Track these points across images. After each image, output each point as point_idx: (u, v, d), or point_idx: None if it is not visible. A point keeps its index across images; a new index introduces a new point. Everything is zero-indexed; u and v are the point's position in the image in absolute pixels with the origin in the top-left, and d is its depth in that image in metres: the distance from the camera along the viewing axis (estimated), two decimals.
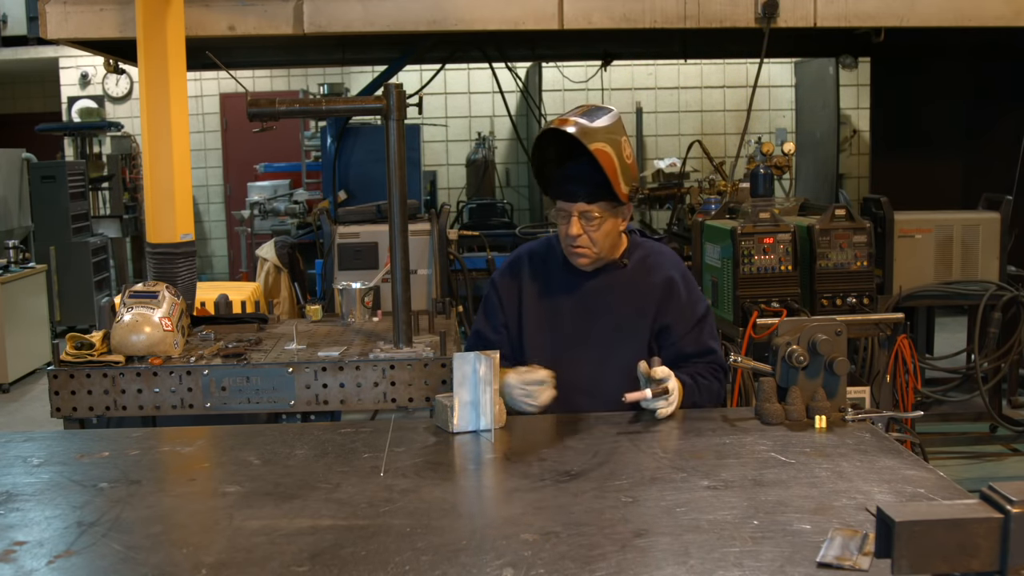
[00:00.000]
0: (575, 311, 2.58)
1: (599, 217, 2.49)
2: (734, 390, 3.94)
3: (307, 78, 11.08)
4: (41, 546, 1.70)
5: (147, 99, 4.02)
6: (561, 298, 2.61)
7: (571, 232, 2.50)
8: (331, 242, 5.50)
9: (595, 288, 2.59)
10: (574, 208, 2.49)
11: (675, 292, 2.58)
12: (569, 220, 2.51)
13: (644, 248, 2.66)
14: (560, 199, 2.52)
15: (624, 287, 2.59)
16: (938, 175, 7.85)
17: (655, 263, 2.62)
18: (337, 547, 1.66)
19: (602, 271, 2.60)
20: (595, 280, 2.60)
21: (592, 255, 2.54)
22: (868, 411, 2.36)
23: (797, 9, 5.60)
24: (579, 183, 2.48)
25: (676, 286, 2.59)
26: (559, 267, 2.64)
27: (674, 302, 2.57)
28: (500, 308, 2.67)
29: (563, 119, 2.47)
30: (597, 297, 2.58)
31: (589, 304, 2.57)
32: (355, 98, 6.04)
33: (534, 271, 2.67)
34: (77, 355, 3.34)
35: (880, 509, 1.27)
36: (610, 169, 2.43)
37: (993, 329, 4.95)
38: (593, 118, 2.46)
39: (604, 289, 2.59)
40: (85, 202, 9.48)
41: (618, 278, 2.60)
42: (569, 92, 10.75)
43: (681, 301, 2.58)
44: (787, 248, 4.09)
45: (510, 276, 2.69)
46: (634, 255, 2.63)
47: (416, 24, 5.56)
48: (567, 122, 2.45)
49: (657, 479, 1.97)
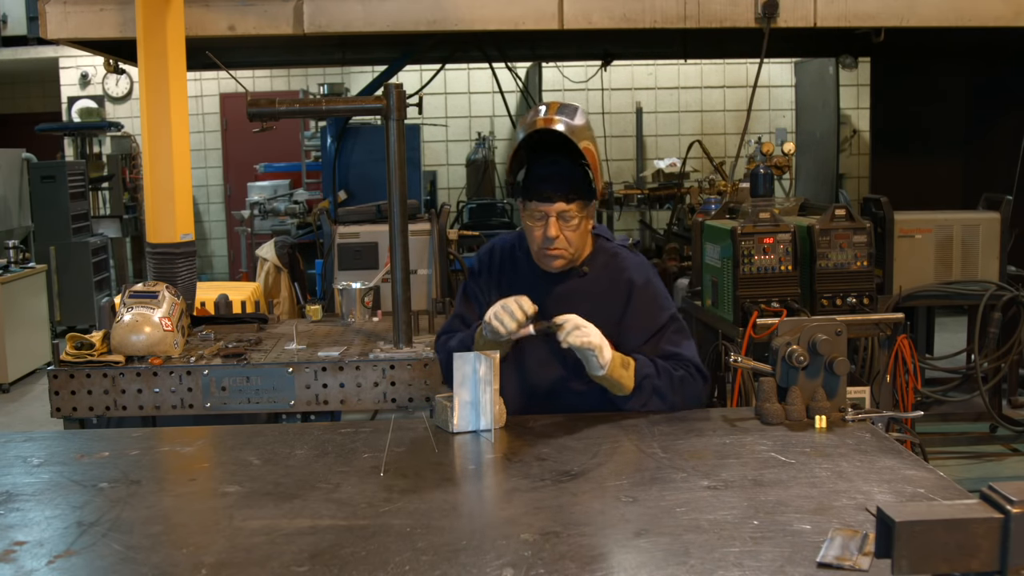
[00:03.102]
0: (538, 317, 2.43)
1: (577, 217, 2.45)
2: (734, 390, 3.94)
3: (307, 78, 11.08)
4: (41, 546, 1.70)
5: (147, 99, 4.02)
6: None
7: (550, 234, 2.44)
8: (331, 242, 5.50)
9: (558, 294, 2.52)
10: (552, 209, 2.43)
11: (632, 299, 2.52)
12: (546, 222, 2.44)
13: (607, 253, 2.60)
14: (536, 200, 2.45)
15: (587, 295, 2.52)
16: (938, 175, 7.85)
17: (617, 269, 2.57)
18: (337, 547, 1.66)
19: (566, 277, 2.55)
20: (559, 286, 2.54)
21: (568, 256, 2.50)
22: (868, 411, 2.35)
23: (797, 9, 5.61)
24: (557, 183, 2.42)
25: (634, 293, 2.53)
26: (525, 267, 2.59)
27: (631, 309, 2.51)
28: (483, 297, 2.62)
29: (547, 119, 2.42)
30: (559, 303, 2.48)
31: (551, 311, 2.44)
32: (355, 98, 6.04)
33: (503, 267, 2.63)
34: (77, 355, 3.34)
35: (880, 509, 1.27)
36: (595, 166, 2.44)
37: (993, 329, 4.94)
38: (571, 116, 2.43)
39: (566, 296, 2.52)
40: (85, 202, 9.48)
41: (580, 285, 2.54)
42: (569, 92, 10.75)
43: (638, 309, 2.52)
44: (787, 248, 4.09)
45: (488, 267, 2.66)
46: (596, 261, 2.58)
47: (416, 24, 5.56)
48: (553, 121, 2.41)
49: (657, 479, 1.97)
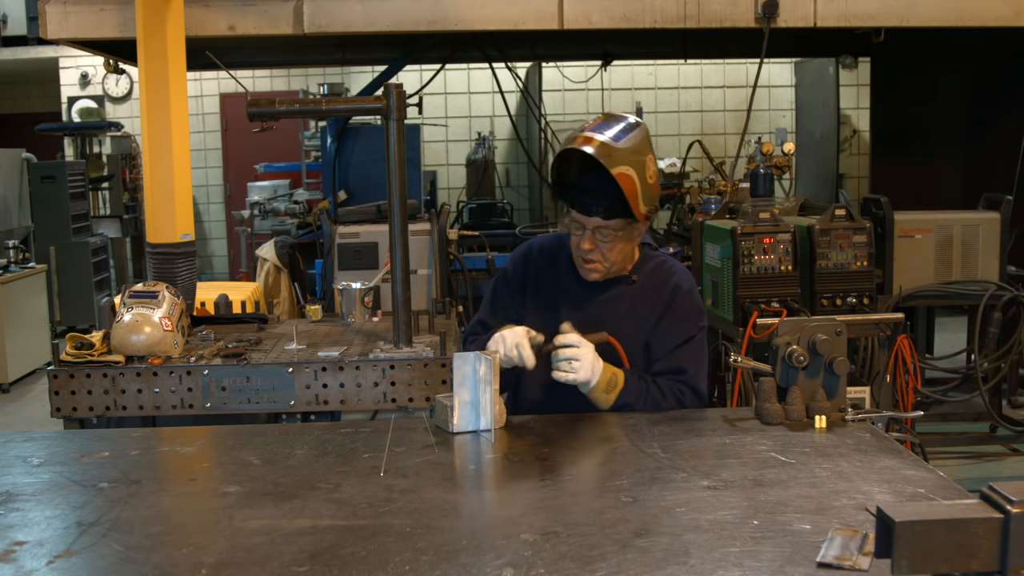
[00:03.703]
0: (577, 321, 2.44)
1: (614, 234, 2.42)
2: (734, 390, 3.94)
3: (307, 78, 11.09)
4: (41, 546, 1.70)
5: (147, 99, 4.02)
6: (564, 305, 2.53)
7: (583, 247, 2.44)
8: (331, 242, 5.50)
9: (602, 301, 2.52)
10: (589, 222, 2.41)
11: (674, 303, 2.52)
12: (583, 233, 2.43)
13: (654, 262, 2.58)
14: (576, 210, 2.44)
15: (631, 303, 2.52)
16: (938, 175, 7.85)
17: (664, 275, 2.55)
18: (337, 547, 1.66)
19: (611, 284, 2.53)
20: (602, 294, 2.53)
21: (603, 270, 2.49)
22: (868, 411, 2.35)
23: (797, 9, 5.61)
24: (597, 197, 2.38)
25: (677, 297, 2.52)
26: (566, 270, 2.57)
27: (670, 312, 2.51)
28: (509, 302, 2.61)
29: (587, 136, 2.35)
30: (602, 310, 2.50)
31: (592, 317, 2.47)
32: (355, 98, 6.04)
33: (540, 269, 2.61)
34: (77, 355, 3.34)
35: (880, 509, 1.27)
36: (631, 193, 2.34)
37: (993, 329, 4.95)
38: (619, 135, 2.34)
39: (610, 303, 2.52)
40: (85, 202, 9.48)
41: (626, 293, 2.53)
42: (569, 92, 10.76)
43: (677, 314, 2.51)
44: (787, 248, 4.09)
45: (522, 270, 2.62)
46: (644, 269, 2.56)
47: (416, 24, 5.56)
48: (591, 140, 2.33)
49: (657, 479, 1.97)
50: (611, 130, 2.36)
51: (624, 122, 2.40)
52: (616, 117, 2.43)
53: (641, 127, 2.41)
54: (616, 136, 2.35)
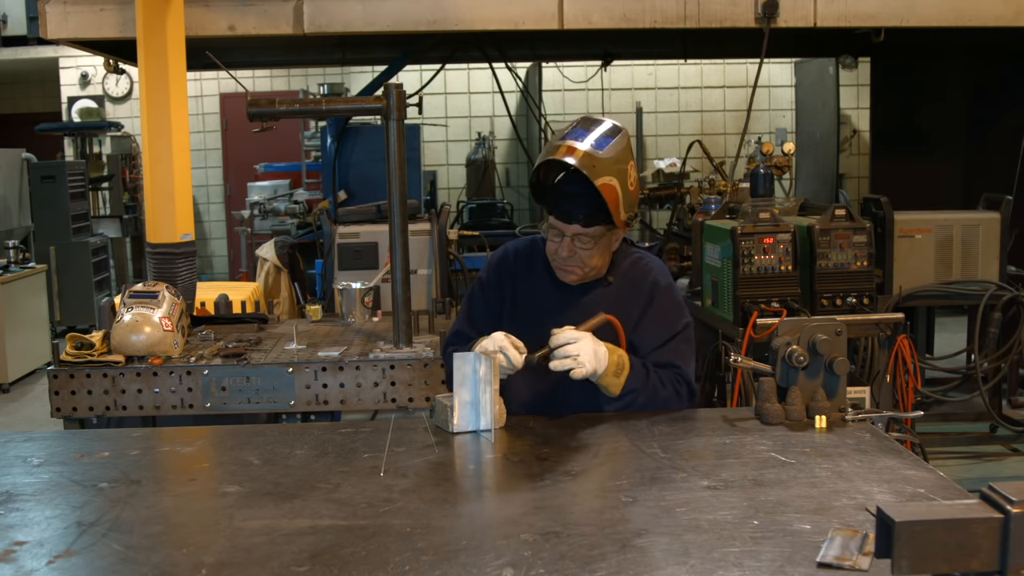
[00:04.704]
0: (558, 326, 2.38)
1: (593, 241, 2.40)
2: (734, 390, 3.94)
3: (307, 78, 11.09)
4: (41, 546, 1.70)
5: (147, 99, 4.02)
6: (543, 308, 2.50)
7: (562, 254, 2.41)
8: (331, 242, 5.50)
9: (581, 304, 2.48)
10: (569, 229, 2.39)
11: (654, 301, 2.50)
12: (561, 240, 2.41)
13: (630, 259, 2.56)
14: (555, 216, 2.41)
15: (610, 304, 2.47)
16: (938, 175, 7.85)
17: (642, 272, 2.53)
18: (337, 547, 1.66)
19: (589, 287, 2.51)
20: (582, 296, 2.50)
21: (581, 274, 2.47)
22: (868, 411, 2.35)
23: (797, 9, 5.61)
24: (578, 204, 2.35)
25: (657, 295, 2.50)
26: (542, 274, 2.54)
27: (652, 310, 2.49)
28: (485, 310, 2.58)
29: (570, 147, 2.30)
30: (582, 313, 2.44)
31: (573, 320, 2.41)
32: (355, 98, 6.05)
33: (516, 275, 2.57)
34: (77, 355, 3.34)
35: (880, 509, 1.27)
36: (612, 202, 2.32)
37: (993, 329, 4.95)
38: (601, 142, 2.31)
39: (590, 306, 2.47)
40: (85, 202, 9.48)
41: (603, 295, 2.51)
42: (569, 92, 10.76)
43: (659, 312, 2.49)
44: (787, 248, 4.09)
45: (497, 277, 2.59)
46: (620, 268, 2.54)
47: (416, 24, 5.56)
48: (574, 151, 2.29)
49: (657, 479, 1.97)
50: (591, 136, 2.33)
51: (604, 127, 2.37)
52: (594, 121, 2.39)
53: (623, 133, 2.38)
54: (598, 143, 2.32)
